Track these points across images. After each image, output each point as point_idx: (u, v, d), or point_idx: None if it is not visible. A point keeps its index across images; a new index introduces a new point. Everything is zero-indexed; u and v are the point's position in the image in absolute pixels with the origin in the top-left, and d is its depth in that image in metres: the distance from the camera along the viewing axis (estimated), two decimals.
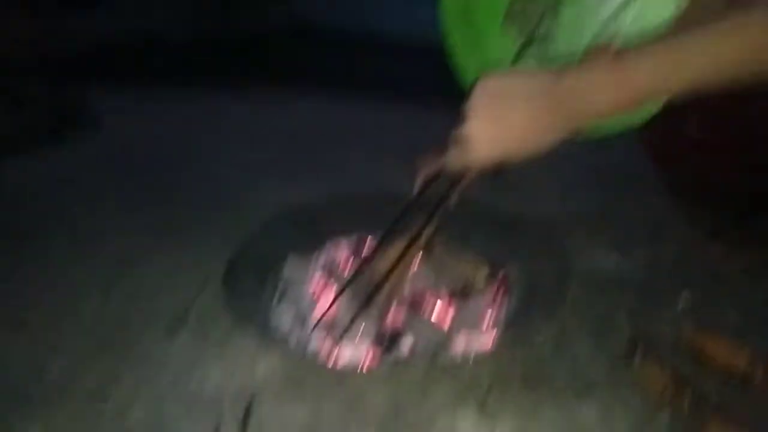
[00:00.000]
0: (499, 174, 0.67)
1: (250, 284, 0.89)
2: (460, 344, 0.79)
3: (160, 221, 1.19)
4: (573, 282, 0.89)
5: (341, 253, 0.98)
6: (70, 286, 0.98)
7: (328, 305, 0.85)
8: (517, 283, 0.92)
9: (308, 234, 1.00)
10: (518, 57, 0.70)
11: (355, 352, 0.77)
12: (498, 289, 0.88)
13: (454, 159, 0.64)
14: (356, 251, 0.99)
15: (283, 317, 0.86)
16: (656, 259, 1.02)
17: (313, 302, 0.88)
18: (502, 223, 1.02)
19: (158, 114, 1.99)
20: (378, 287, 0.80)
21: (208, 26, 3.38)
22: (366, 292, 0.80)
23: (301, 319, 0.85)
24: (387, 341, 0.76)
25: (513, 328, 0.82)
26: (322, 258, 0.95)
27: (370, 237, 1.01)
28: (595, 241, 1.08)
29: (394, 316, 0.79)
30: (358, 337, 0.79)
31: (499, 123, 0.57)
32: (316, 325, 0.82)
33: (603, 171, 1.41)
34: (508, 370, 0.76)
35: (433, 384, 0.74)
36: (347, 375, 0.75)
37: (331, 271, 0.93)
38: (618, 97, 0.52)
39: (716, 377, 0.73)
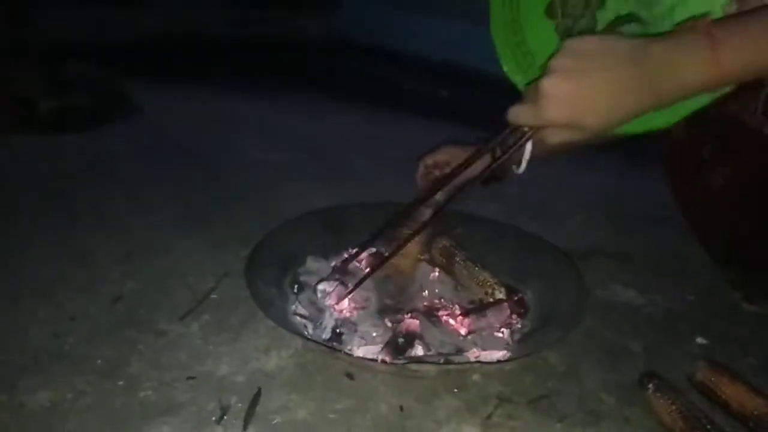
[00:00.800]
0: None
1: (269, 279, 0.89)
2: (472, 358, 0.79)
3: (186, 211, 1.21)
4: (589, 311, 0.89)
5: (360, 257, 0.99)
6: (94, 262, 1.00)
7: (343, 300, 0.85)
8: (534, 305, 0.92)
9: (329, 236, 1.01)
10: (554, 46, 0.69)
11: (368, 352, 0.77)
12: (513, 310, 0.88)
13: (523, 112, 0.63)
14: (375, 257, 1.00)
15: (299, 313, 0.86)
16: (675, 298, 1.01)
17: (338, 320, 0.89)
18: (523, 246, 1.02)
19: (194, 108, 2.04)
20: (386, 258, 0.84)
21: (248, 29, 3.46)
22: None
23: (317, 316, 0.86)
24: (400, 345, 0.76)
25: (525, 349, 0.81)
26: (341, 260, 0.96)
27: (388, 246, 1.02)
28: (614, 274, 1.07)
29: (409, 321, 0.79)
30: (372, 338, 0.79)
31: (581, 82, 0.55)
32: (330, 321, 0.82)
33: (629, 203, 1.41)
34: (517, 390, 0.76)
35: (440, 394, 0.74)
36: (357, 375, 0.76)
37: (349, 273, 0.93)
38: (709, 76, 0.51)
39: (729, 418, 0.71)
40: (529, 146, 0.75)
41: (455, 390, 0.75)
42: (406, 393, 0.73)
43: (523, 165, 0.82)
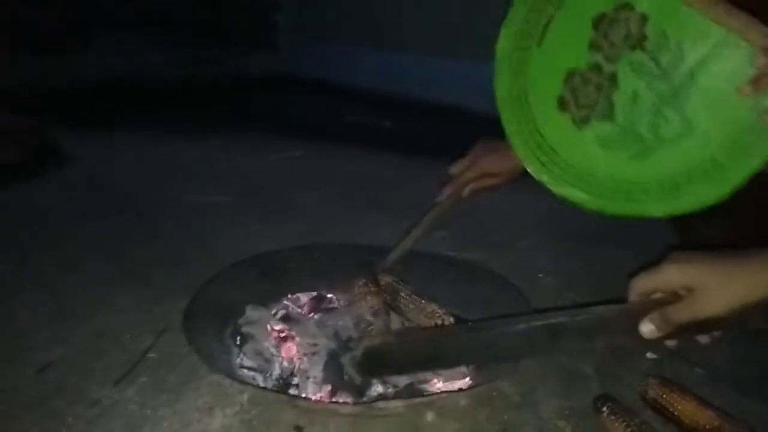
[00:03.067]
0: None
1: (209, 333, 0.85)
2: (426, 397, 0.76)
3: (120, 265, 1.16)
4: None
5: (302, 303, 0.97)
6: (18, 328, 0.93)
7: (289, 353, 0.82)
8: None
9: (269, 283, 0.98)
10: (575, 137, 0.70)
11: (324, 396, 0.74)
12: None
13: (681, 311, 0.66)
14: (317, 301, 0.98)
15: (245, 365, 0.82)
16: None
17: (274, 351, 0.85)
18: (467, 273, 1.01)
19: (131, 155, 1.98)
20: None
21: (186, 70, 3.42)
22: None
23: (265, 366, 0.82)
24: (358, 386, 0.74)
25: (478, 381, 0.80)
26: (283, 307, 0.93)
27: (329, 291, 1.01)
28: (560, 295, 1.08)
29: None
30: (321, 383, 0.76)
31: (748, 272, 0.63)
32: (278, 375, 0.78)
33: (566, 224, 1.43)
34: (474, 426, 0.74)
35: None
36: (307, 428, 0.72)
37: (292, 320, 0.90)
38: None
39: None
40: None
41: None
42: None
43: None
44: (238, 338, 0.88)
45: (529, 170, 0.76)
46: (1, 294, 1.03)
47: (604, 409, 0.73)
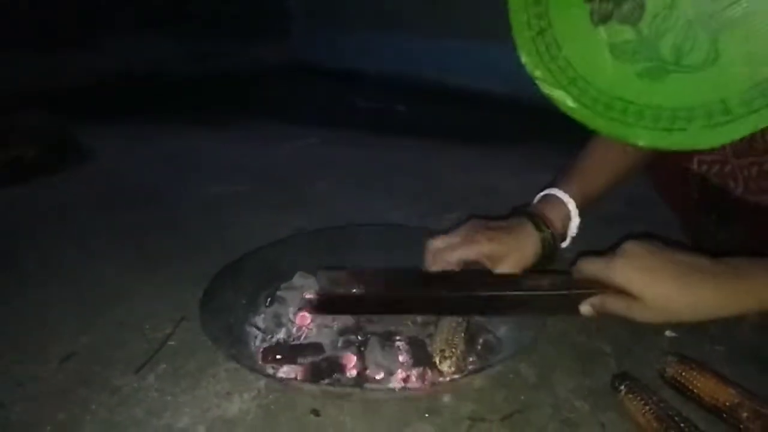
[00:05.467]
0: None
1: (227, 320, 0.86)
2: (438, 379, 0.77)
3: (141, 256, 1.18)
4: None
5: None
6: (44, 320, 0.96)
7: (303, 321, 0.84)
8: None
9: (287, 270, 0.99)
10: (587, 35, 0.61)
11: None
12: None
13: (615, 304, 0.67)
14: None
15: (255, 324, 0.84)
16: None
17: (292, 318, 0.87)
18: None
19: (149, 149, 2.01)
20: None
21: (201, 63, 3.43)
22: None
23: (269, 330, 0.84)
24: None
25: (493, 362, 0.79)
26: (303, 294, 0.94)
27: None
28: None
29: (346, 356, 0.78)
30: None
31: (692, 295, 0.63)
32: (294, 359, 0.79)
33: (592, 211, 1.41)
34: (490, 407, 0.74)
35: (411, 421, 0.71)
36: (323, 411, 0.73)
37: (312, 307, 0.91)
38: None
39: (702, 412, 0.71)
40: (576, 221, 0.85)
41: (426, 415, 0.72)
42: (375, 425, 0.71)
43: (568, 241, 0.87)
44: (269, 300, 0.90)
45: (522, 59, 0.68)
46: (26, 287, 1.06)
47: (622, 387, 0.73)
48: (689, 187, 0.96)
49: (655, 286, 0.63)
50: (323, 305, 0.79)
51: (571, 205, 0.89)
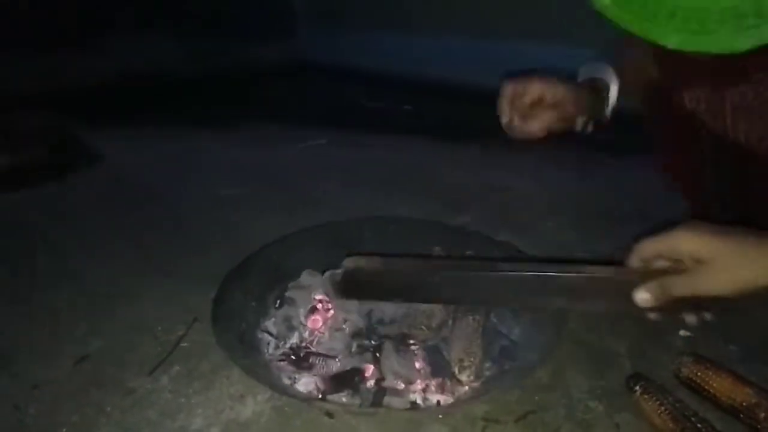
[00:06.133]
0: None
1: (239, 321, 0.87)
2: (452, 381, 0.76)
3: (151, 258, 1.18)
4: (569, 317, 0.87)
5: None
6: (56, 322, 0.96)
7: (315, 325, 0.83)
8: (513, 317, 0.90)
9: (338, 249, 0.99)
10: None
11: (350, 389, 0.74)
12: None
13: (683, 284, 0.63)
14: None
15: (267, 330, 0.84)
16: None
17: (303, 320, 0.87)
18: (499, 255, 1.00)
19: (155, 150, 2.00)
20: None
21: (206, 63, 3.43)
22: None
23: (281, 335, 0.84)
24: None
25: (507, 365, 0.79)
26: (316, 293, 0.94)
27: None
28: None
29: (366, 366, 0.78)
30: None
31: (739, 269, 0.60)
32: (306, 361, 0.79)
33: (594, 203, 1.41)
34: (504, 408, 0.73)
35: (425, 424, 0.71)
36: (337, 414, 0.73)
37: (324, 306, 0.91)
38: None
39: (719, 412, 0.70)
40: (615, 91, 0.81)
41: (440, 416, 0.72)
42: (389, 426, 0.71)
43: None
44: (278, 301, 0.90)
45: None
46: (39, 290, 1.06)
47: (637, 388, 0.72)
48: (700, 150, 0.93)
49: (728, 245, 0.60)
50: (348, 289, 0.73)
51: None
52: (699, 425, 0.65)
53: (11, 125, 1.85)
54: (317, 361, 0.79)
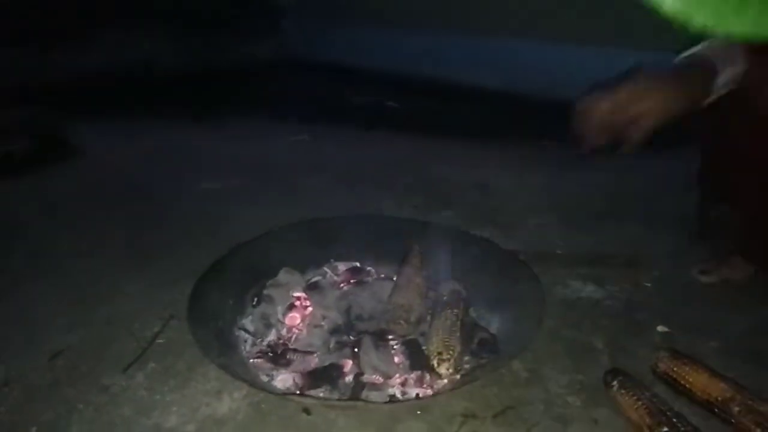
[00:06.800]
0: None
1: (216, 319, 0.85)
2: (432, 375, 0.76)
3: (132, 252, 1.16)
4: (547, 312, 0.87)
5: (339, 272, 0.98)
6: (33, 317, 0.94)
7: (293, 322, 0.83)
8: (490, 311, 0.90)
9: (316, 247, 1.00)
10: None
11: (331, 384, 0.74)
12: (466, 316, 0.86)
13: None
14: (353, 272, 0.98)
15: (244, 327, 0.83)
16: (633, 288, 1.01)
17: (281, 318, 0.86)
18: (476, 251, 1.00)
19: (140, 144, 1.98)
20: None
21: (191, 59, 3.40)
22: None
23: (258, 332, 0.83)
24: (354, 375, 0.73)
25: (486, 359, 0.79)
26: (320, 274, 0.94)
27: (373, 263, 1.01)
28: (571, 272, 1.06)
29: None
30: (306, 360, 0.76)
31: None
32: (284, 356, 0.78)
33: (573, 202, 1.41)
34: (482, 404, 0.73)
35: (403, 419, 0.71)
36: (315, 409, 0.72)
37: (317, 288, 0.91)
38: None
39: (694, 407, 0.70)
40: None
41: (418, 412, 0.72)
42: (367, 422, 0.70)
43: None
44: (255, 299, 0.89)
45: None
46: (15, 283, 1.04)
47: (615, 383, 0.72)
48: None
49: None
50: None
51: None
52: (675, 420, 0.65)
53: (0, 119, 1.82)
54: (295, 358, 0.78)
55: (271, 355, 0.79)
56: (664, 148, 1.04)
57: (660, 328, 0.88)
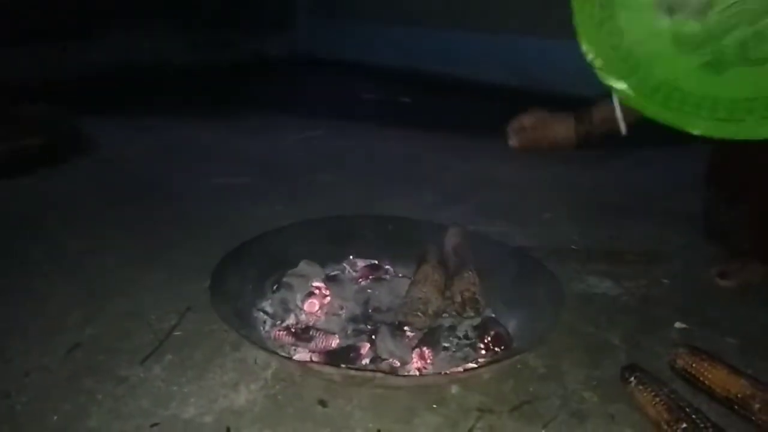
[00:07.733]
0: None
1: (236, 301, 0.86)
2: (447, 369, 0.76)
3: (146, 246, 1.17)
4: (566, 307, 0.87)
5: (357, 268, 1.00)
6: (50, 309, 0.95)
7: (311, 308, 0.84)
8: (510, 307, 0.89)
9: (335, 245, 1.01)
10: (651, 26, 0.62)
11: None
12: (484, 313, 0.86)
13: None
14: (371, 269, 0.99)
15: (264, 309, 0.85)
16: (651, 284, 1.00)
17: (299, 304, 0.87)
18: (494, 249, 0.99)
19: (154, 139, 2.00)
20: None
21: (205, 54, 3.41)
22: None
23: (277, 315, 0.84)
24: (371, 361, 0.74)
25: (503, 353, 0.79)
26: (339, 269, 0.94)
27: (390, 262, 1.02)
28: (588, 267, 1.06)
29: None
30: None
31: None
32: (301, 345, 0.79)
33: (588, 196, 1.40)
34: (498, 398, 0.73)
35: (419, 412, 0.71)
36: (331, 401, 0.72)
37: (337, 281, 0.92)
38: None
39: (713, 403, 0.70)
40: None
41: (434, 406, 0.72)
42: (383, 415, 0.70)
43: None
44: (275, 286, 0.91)
45: (583, 47, 0.69)
46: (32, 277, 1.05)
47: (632, 379, 0.72)
48: None
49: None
50: None
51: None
52: (693, 416, 0.64)
53: (13, 115, 1.84)
54: (317, 335, 0.79)
55: (293, 331, 0.80)
56: (677, 145, 1.03)
57: (678, 325, 0.87)
